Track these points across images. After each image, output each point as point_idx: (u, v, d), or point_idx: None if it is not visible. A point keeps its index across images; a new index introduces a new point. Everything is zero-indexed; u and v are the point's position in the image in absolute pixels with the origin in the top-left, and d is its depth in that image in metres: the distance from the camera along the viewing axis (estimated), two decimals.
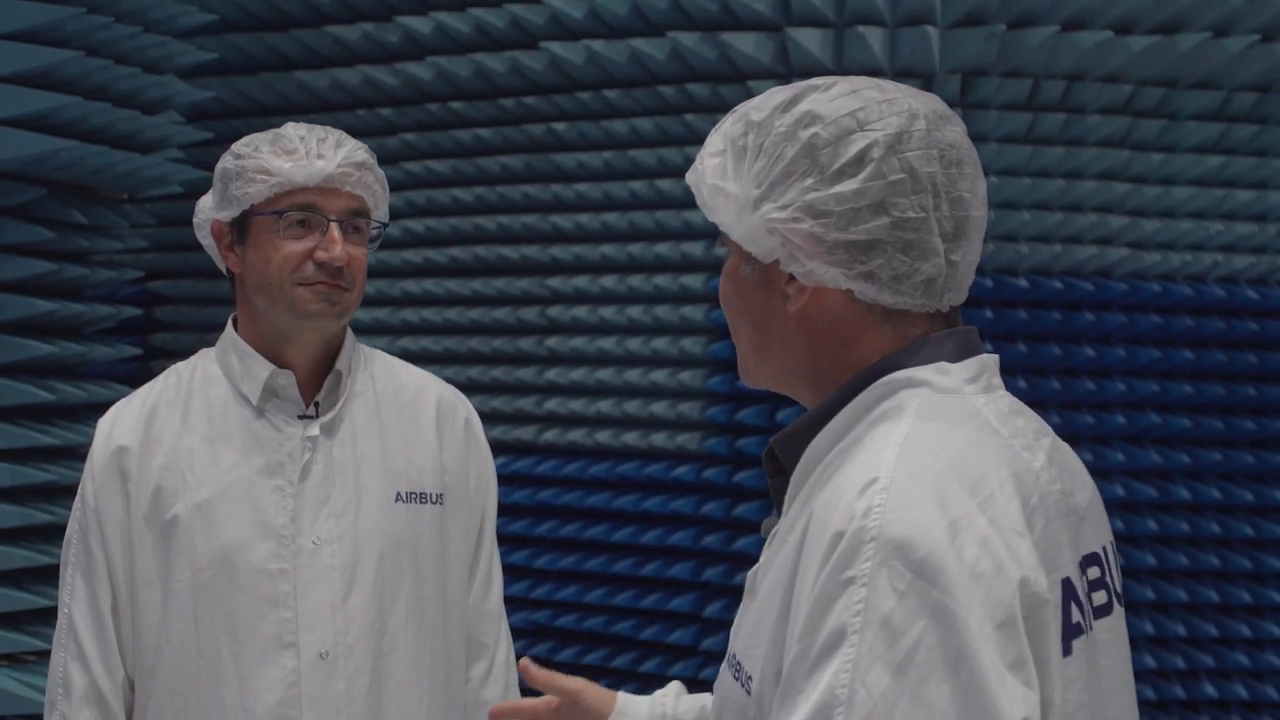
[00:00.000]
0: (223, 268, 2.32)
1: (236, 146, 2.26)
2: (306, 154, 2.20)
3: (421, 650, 2.26)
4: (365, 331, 5.28)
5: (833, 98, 1.47)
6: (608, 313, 4.93)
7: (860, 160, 1.44)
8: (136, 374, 4.33)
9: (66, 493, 4.09)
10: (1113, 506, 4.63)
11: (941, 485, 1.35)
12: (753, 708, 1.44)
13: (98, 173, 4.05)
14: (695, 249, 4.76)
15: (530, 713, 1.87)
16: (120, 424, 2.27)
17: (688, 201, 4.90)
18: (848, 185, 1.43)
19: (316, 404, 2.26)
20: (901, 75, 4.52)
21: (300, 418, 2.24)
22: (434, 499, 2.30)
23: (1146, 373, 4.73)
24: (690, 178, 1.55)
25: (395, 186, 5.60)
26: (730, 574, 4.59)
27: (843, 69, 4.53)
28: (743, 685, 1.46)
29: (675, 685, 1.93)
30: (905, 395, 1.45)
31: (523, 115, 5.09)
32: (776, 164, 1.46)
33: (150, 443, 2.24)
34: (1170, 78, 4.70)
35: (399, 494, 2.27)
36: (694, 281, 4.75)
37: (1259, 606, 4.79)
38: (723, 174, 1.50)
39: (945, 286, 1.48)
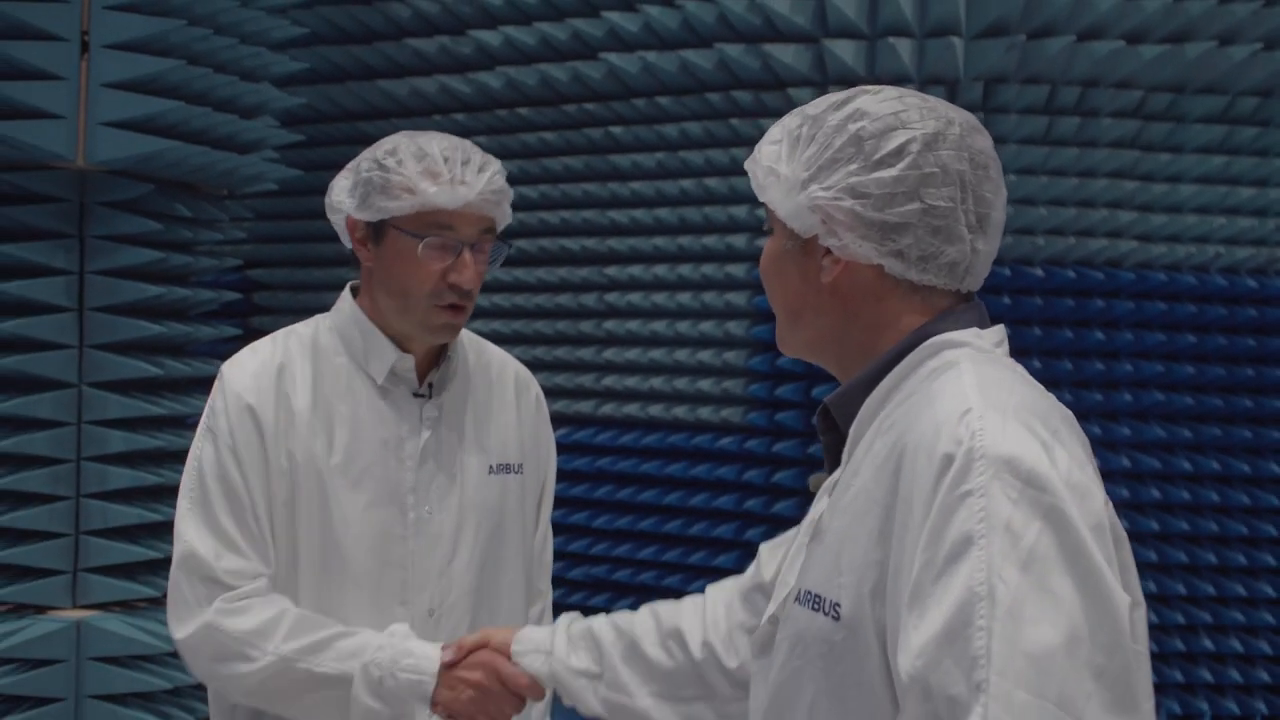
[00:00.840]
0: (346, 244, 2.23)
1: (382, 155, 2.13)
2: (451, 179, 2.10)
3: (501, 603, 2.26)
4: None
5: (881, 100, 1.52)
6: (659, 299, 4.93)
7: (900, 152, 1.48)
8: (236, 352, 4.35)
9: (174, 457, 4.12)
10: (1118, 476, 4.62)
11: (1023, 417, 1.40)
12: (842, 631, 1.45)
13: (200, 171, 4.07)
14: (739, 241, 4.74)
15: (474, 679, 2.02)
16: (251, 379, 2.14)
17: (732, 198, 4.90)
18: (887, 172, 1.48)
19: (430, 384, 2.20)
20: (928, 82, 4.49)
21: (415, 395, 2.19)
22: (516, 469, 2.28)
23: (1152, 355, 4.68)
24: (748, 163, 1.59)
25: None
26: (770, 534, 4.52)
27: (874, 77, 4.50)
28: (826, 614, 1.47)
29: (567, 617, 2.01)
30: (951, 353, 1.48)
31: (583, 120, 5.08)
32: (825, 151, 1.51)
33: (281, 403, 2.13)
34: (1178, 83, 4.64)
35: (491, 466, 2.24)
36: (737, 270, 4.73)
37: (1254, 569, 4.75)
38: (777, 158, 1.55)
39: (967, 270, 1.52)
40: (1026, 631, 1.30)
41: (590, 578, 5.04)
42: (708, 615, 1.93)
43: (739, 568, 5.13)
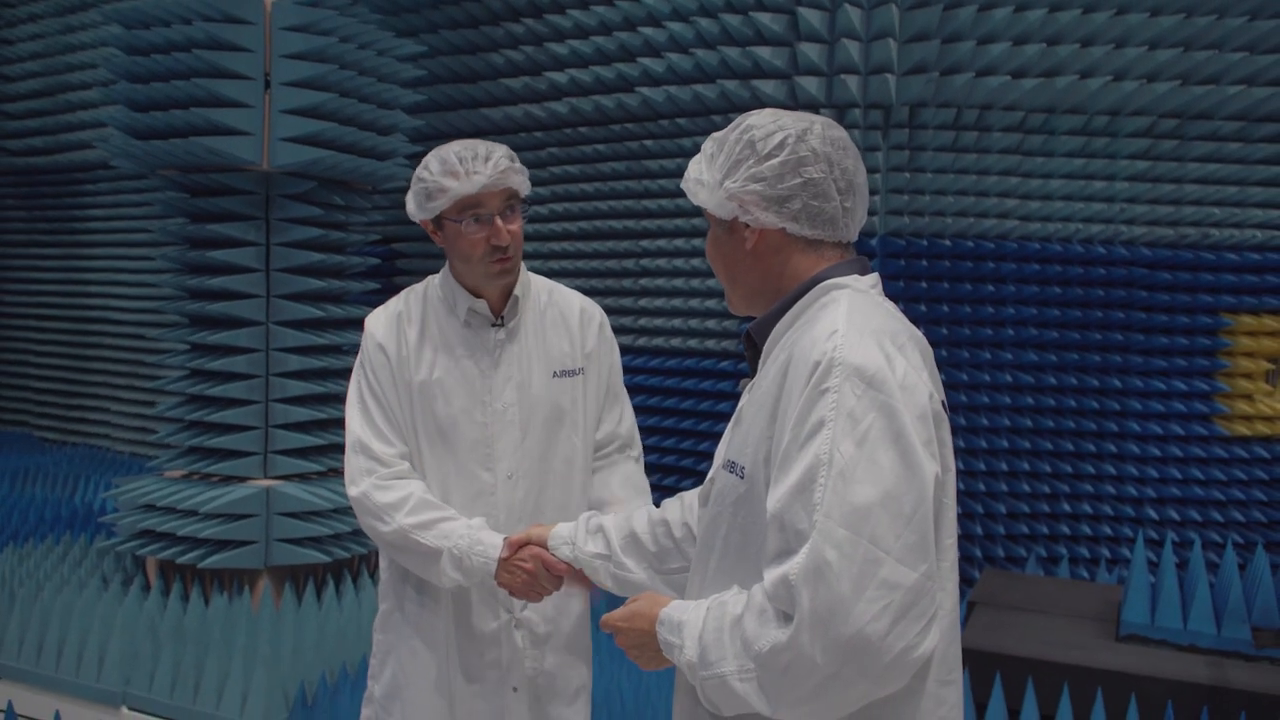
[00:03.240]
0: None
1: (420, 171, 2.14)
2: (466, 174, 2.07)
3: (567, 469, 2.22)
4: (532, 270, 5.25)
5: (763, 116, 1.55)
6: (678, 262, 4.86)
7: (781, 145, 1.50)
8: (380, 302, 4.33)
9: (335, 374, 4.13)
10: (1004, 389, 4.53)
11: (876, 337, 1.39)
12: (744, 485, 1.47)
13: (351, 172, 4.05)
14: None
15: (534, 571, 1.96)
16: (381, 326, 2.18)
17: None
18: (775, 160, 1.49)
19: (502, 316, 2.19)
20: (870, 107, 4.37)
21: (492, 325, 2.18)
22: (577, 372, 2.23)
23: (1029, 301, 4.58)
24: (682, 184, 1.61)
25: (543, 182, 5.52)
26: None
27: (832, 103, 4.39)
28: (738, 475, 1.48)
29: (585, 515, 1.92)
30: (836, 293, 1.48)
31: (625, 135, 5.00)
32: (731, 157, 1.52)
33: (401, 339, 2.17)
34: (1050, 106, 4.50)
35: (554, 372, 2.21)
36: None
37: (1101, 455, 4.66)
38: (700, 172, 1.57)
39: (844, 224, 1.52)
40: (853, 488, 1.31)
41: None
42: (684, 505, 1.89)
43: None
